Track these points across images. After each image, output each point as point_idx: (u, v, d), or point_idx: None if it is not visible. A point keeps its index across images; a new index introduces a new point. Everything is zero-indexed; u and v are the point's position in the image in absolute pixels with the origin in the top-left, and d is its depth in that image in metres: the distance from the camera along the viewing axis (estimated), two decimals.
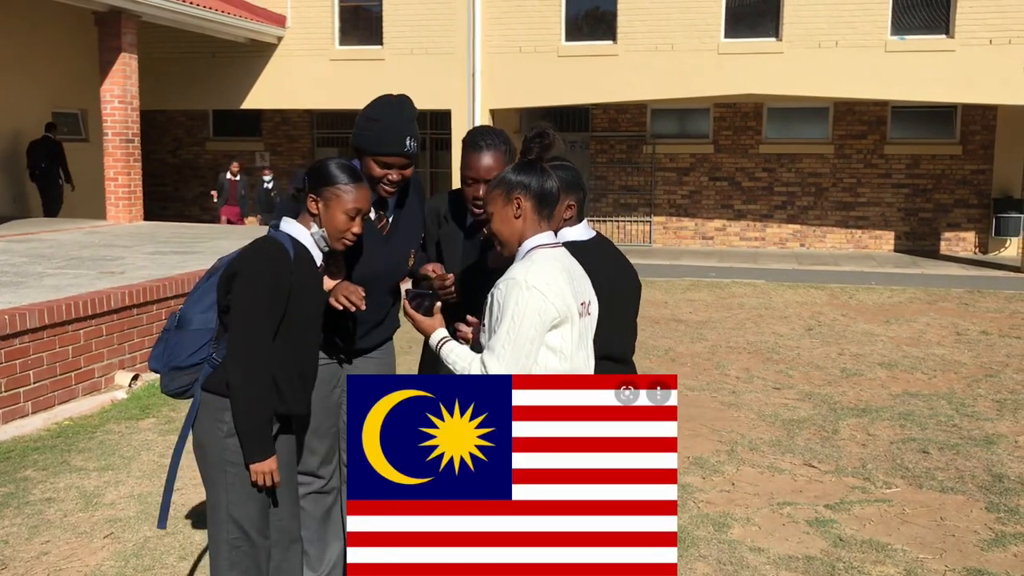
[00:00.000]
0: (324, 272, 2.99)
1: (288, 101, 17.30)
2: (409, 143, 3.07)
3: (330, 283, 3.01)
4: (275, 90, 17.10)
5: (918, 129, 17.40)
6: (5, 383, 5.90)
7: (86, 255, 9.33)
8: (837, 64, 14.96)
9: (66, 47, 15.26)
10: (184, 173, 20.35)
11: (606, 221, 18.66)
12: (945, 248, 17.41)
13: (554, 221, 2.69)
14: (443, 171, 18.17)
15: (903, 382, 7.52)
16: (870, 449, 5.75)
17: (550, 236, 2.65)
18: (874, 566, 4.09)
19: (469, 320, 2.85)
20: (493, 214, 2.64)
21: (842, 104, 17.27)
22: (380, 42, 16.67)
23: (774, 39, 15.37)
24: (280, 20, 16.85)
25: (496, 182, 2.65)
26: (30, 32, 14.67)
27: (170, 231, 12.44)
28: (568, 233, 2.97)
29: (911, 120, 17.39)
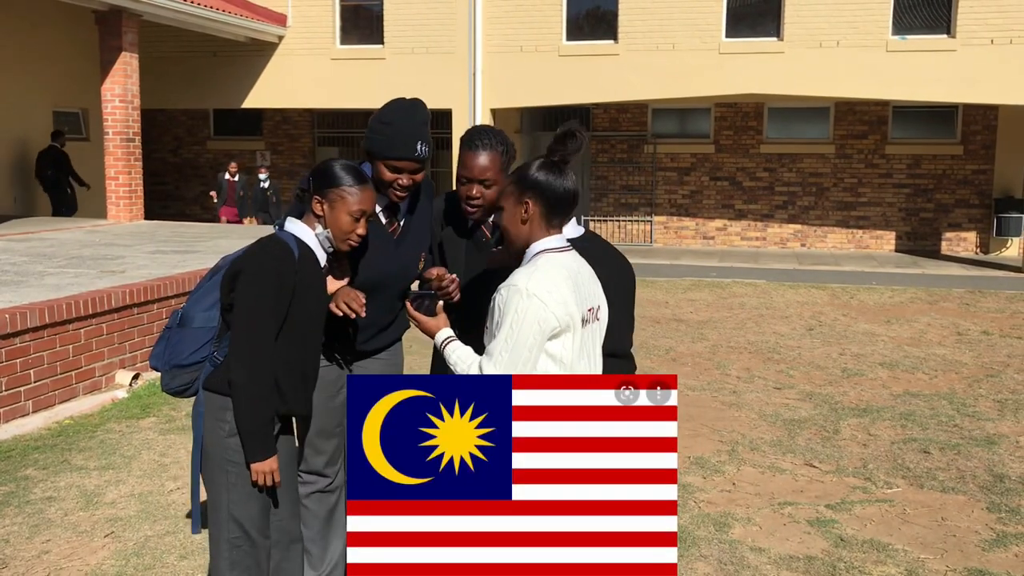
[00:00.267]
0: (328, 273, 2.99)
1: (289, 100, 17.31)
2: (420, 147, 3.04)
3: (334, 284, 3.01)
4: (276, 89, 17.11)
5: (919, 129, 17.39)
6: (6, 382, 5.90)
7: (87, 254, 9.32)
8: (838, 64, 14.95)
9: (67, 46, 15.26)
10: (185, 172, 20.36)
11: (607, 221, 18.65)
12: (946, 248, 17.40)
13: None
14: (443, 171, 18.16)
15: (904, 382, 7.51)
16: (871, 449, 5.75)
17: (559, 239, 2.60)
18: (875, 566, 4.08)
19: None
20: (504, 209, 2.61)
21: (843, 104, 17.26)
22: (381, 41, 16.68)
23: (775, 39, 15.36)
24: (281, 19, 16.85)
25: (513, 178, 2.61)
26: (30, 31, 14.67)
27: (171, 230, 12.44)
28: None
29: (912, 120, 17.38)
